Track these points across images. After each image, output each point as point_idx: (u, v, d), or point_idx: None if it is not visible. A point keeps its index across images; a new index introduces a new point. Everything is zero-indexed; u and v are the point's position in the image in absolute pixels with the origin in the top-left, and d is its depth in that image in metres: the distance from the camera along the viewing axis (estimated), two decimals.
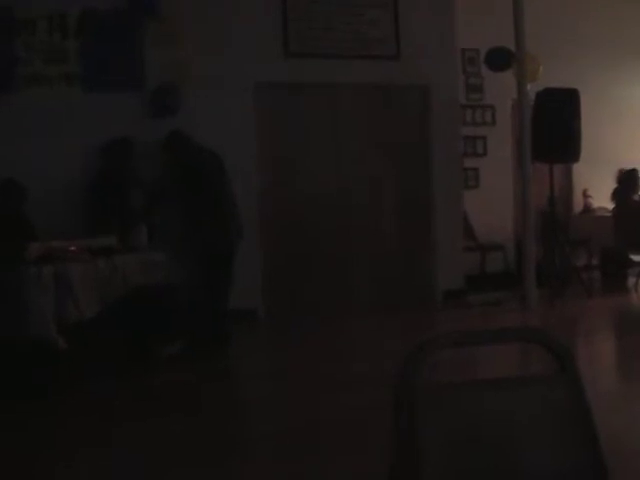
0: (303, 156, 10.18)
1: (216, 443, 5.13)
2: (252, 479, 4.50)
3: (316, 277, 10.17)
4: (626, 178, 11.85)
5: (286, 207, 10.06)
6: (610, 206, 12.11)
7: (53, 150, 8.77)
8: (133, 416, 5.86)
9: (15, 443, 5.26)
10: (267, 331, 9.46)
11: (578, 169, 12.51)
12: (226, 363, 7.89)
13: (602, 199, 12.51)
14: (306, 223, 10.14)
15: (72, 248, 7.07)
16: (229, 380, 7.34)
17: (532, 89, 10.33)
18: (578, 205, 13.27)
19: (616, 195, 11.83)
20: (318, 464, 4.60)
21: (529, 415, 2.08)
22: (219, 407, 6.16)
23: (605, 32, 12.72)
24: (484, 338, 2.21)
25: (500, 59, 10.94)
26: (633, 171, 11.86)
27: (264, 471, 4.62)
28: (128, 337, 7.52)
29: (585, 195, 13.09)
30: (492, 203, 12.05)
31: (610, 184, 12.07)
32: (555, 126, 10.11)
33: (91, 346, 7.18)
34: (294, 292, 10.07)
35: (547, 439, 2.06)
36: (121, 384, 6.78)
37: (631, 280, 11.72)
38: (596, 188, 12.79)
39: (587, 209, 13.09)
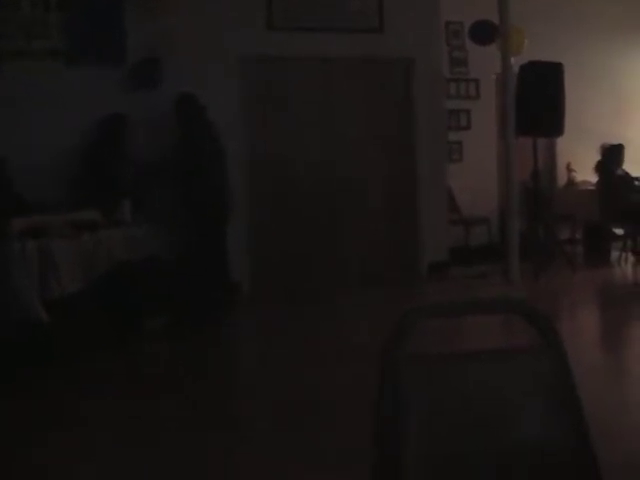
0: (287, 130, 10.15)
1: (206, 422, 5.15)
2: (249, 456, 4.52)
3: (301, 251, 10.17)
4: (611, 152, 11.85)
5: (271, 181, 10.04)
6: (594, 180, 12.13)
7: (37, 124, 8.74)
8: (122, 396, 5.87)
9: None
10: (252, 305, 9.44)
11: (562, 143, 12.51)
12: (212, 339, 7.89)
13: (585, 173, 12.53)
14: (291, 196, 10.13)
15: (56, 223, 7.05)
16: (215, 356, 7.33)
17: (516, 62, 10.32)
18: (562, 179, 13.29)
19: (600, 168, 11.85)
20: (313, 439, 4.64)
21: (514, 388, 2.08)
22: (208, 384, 6.18)
23: (590, 5, 12.71)
24: (467, 309, 2.21)
25: (484, 32, 10.94)
26: (619, 146, 11.87)
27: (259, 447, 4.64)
28: (112, 312, 7.52)
29: (569, 169, 13.11)
30: (476, 177, 12.07)
31: (593, 158, 12.08)
32: (539, 100, 10.10)
33: (75, 321, 7.17)
34: (279, 266, 10.07)
35: (533, 412, 2.07)
36: (107, 363, 6.76)
37: (614, 254, 11.76)
38: (580, 162, 12.81)
39: (571, 183, 13.11)
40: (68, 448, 4.70)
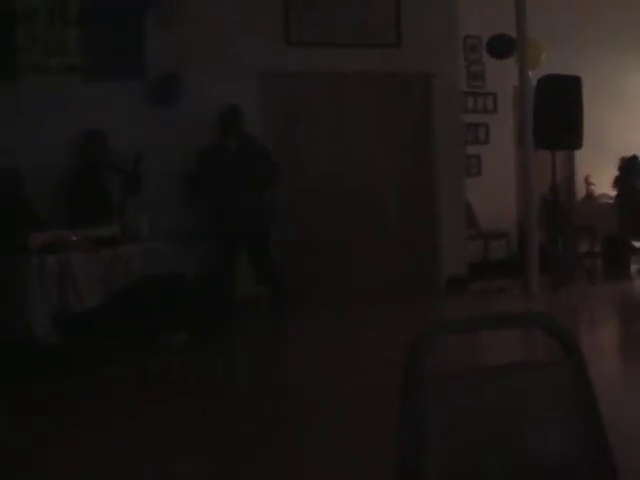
0: (305, 144, 10.15)
1: (214, 424, 5.19)
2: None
3: (319, 265, 10.15)
4: (628, 165, 11.83)
5: (288, 195, 10.03)
6: (612, 193, 12.11)
7: (53, 138, 8.77)
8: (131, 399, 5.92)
9: (19, 429, 5.32)
10: (269, 319, 9.43)
11: (580, 156, 12.50)
12: (228, 353, 7.92)
13: (604, 186, 12.50)
14: (308, 211, 10.12)
15: (74, 238, 7.08)
16: (232, 369, 7.37)
17: (534, 76, 10.31)
18: (580, 192, 13.25)
19: (618, 182, 11.83)
20: (322, 440, 4.68)
21: (535, 402, 2.08)
22: (217, 388, 6.30)
23: (608, 19, 12.70)
24: (489, 324, 2.20)
25: (502, 46, 10.92)
26: (634, 158, 11.85)
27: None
28: (131, 327, 7.52)
29: (587, 182, 13.08)
30: (494, 190, 12.03)
31: (612, 171, 12.04)
32: (557, 113, 10.09)
33: (94, 336, 7.19)
34: (296, 280, 10.04)
35: (553, 426, 2.06)
36: (123, 376, 6.79)
37: (634, 267, 11.72)
38: (598, 175, 12.77)
39: (589, 196, 13.08)
40: (81, 448, 4.76)
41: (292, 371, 6.83)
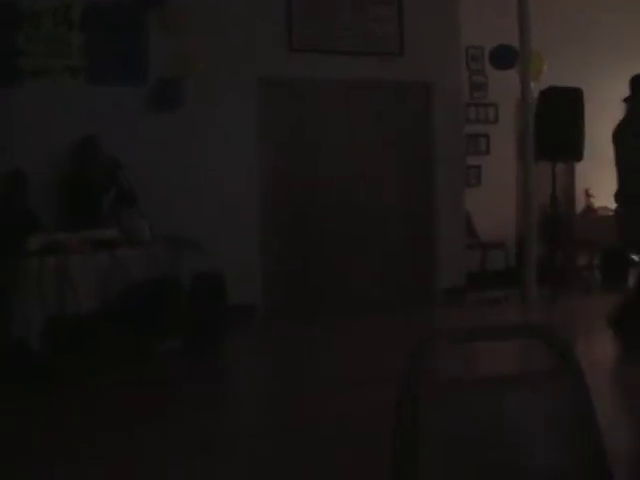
0: (304, 152, 10.16)
1: (210, 441, 5.16)
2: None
3: (316, 273, 10.16)
4: None
5: (287, 203, 10.05)
6: (612, 205, 12.10)
7: (56, 142, 8.77)
8: (129, 417, 5.88)
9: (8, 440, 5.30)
10: (266, 328, 9.42)
11: (581, 168, 12.48)
12: (225, 360, 7.91)
13: (604, 199, 12.49)
14: (307, 219, 10.13)
15: (73, 241, 7.08)
16: (226, 378, 7.36)
17: (536, 87, 10.32)
18: (580, 204, 13.25)
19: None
20: (319, 461, 4.64)
21: (531, 412, 2.08)
22: (214, 405, 6.20)
23: (610, 31, 12.70)
24: (488, 335, 2.20)
25: (505, 57, 10.94)
26: None
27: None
28: (127, 331, 7.51)
29: (587, 194, 13.08)
30: (494, 201, 12.05)
31: (612, 184, 12.03)
32: (558, 125, 10.09)
33: (90, 339, 7.18)
34: (293, 288, 10.05)
35: (550, 436, 2.06)
36: (118, 381, 6.77)
37: (631, 280, 11.71)
38: (598, 187, 12.77)
39: (589, 208, 13.08)
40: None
41: (289, 382, 6.81)
